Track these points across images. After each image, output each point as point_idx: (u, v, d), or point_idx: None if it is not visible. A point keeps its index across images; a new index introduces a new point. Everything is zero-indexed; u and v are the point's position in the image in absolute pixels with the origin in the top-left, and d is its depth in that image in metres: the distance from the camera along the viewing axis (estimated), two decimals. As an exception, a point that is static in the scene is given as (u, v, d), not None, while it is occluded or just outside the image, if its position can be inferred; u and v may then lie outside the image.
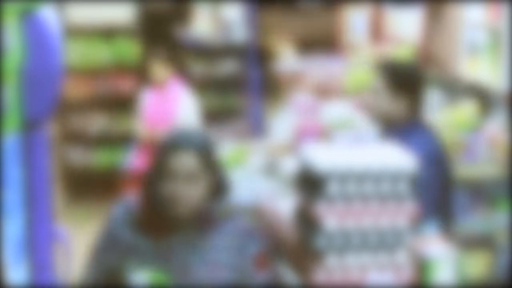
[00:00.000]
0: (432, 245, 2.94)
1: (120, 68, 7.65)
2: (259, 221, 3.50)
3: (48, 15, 2.48)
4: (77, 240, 2.88)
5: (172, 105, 6.37)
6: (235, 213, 2.79)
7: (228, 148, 4.73)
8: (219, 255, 2.71)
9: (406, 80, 3.75)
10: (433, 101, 5.14)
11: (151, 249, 2.68)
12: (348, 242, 2.80)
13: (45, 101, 2.50)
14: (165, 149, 2.66)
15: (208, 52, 7.88)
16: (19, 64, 2.39)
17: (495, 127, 4.64)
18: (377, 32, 6.68)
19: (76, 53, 7.42)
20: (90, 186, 7.67)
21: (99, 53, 7.64)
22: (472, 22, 5.39)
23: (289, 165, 3.87)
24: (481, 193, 4.30)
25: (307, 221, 2.89)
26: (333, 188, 2.77)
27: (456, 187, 3.86)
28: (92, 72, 7.63)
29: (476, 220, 4.08)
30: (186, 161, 2.62)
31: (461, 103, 4.93)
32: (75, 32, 7.30)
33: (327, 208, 2.77)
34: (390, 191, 2.81)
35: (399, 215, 2.83)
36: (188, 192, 2.63)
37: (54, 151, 6.87)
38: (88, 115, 7.78)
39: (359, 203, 2.80)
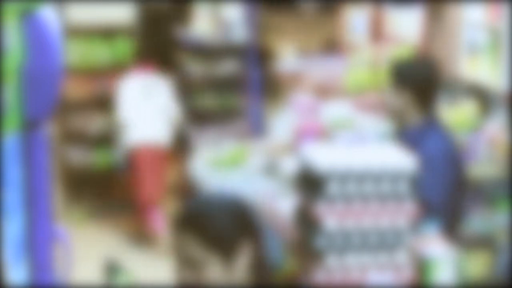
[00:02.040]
0: (432, 245, 2.94)
1: (120, 68, 7.65)
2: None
3: (48, 15, 2.48)
4: (77, 240, 2.88)
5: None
6: None
7: (228, 148, 4.73)
8: None
9: (407, 76, 3.76)
10: (438, 101, 5.14)
11: None
12: (348, 242, 2.80)
13: (45, 101, 2.50)
14: (173, 234, 2.30)
15: (208, 52, 7.88)
16: (19, 64, 2.39)
17: (495, 127, 4.64)
18: (377, 32, 6.68)
19: (76, 53, 7.42)
20: (90, 186, 7.67)
21: (99, 53, 7.64)
22: (472, 22, 5.39)
23: (289, 165, 3.87)
24: (481, 193, 4.30)
25: (307, 221, 2.89)
26: (333, 188, 2.77)
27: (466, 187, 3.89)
28: (92, 72, 7.63)
29: (476, 220, 4.08)
30: (187, 247, 2.23)
31: (461, 103, 4.93)
32: (75, 32, 7.31)
33: (327, 208, 2.77)
34: (390, 191, 2.81)
35: (399, 215, 2.83)
36: (200, 281, 2.22)
37: (54, 151, 6.87)
38: (88, 115, 7.77)
39: (359, 203, 2.80)
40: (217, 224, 2.22)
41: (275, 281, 2.39)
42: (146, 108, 6.86)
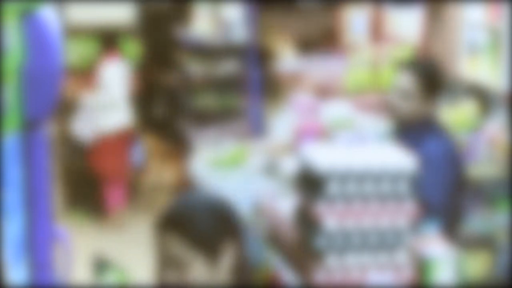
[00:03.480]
0: (432, 245, 2.94)
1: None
2: (260, 221, 3.51)
3: (48, 15, 2.48)
4: (77, 240, 2.88)
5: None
6: None
7: (228, 148, 4.73)
8: None
9: (437, 81, 3.75)
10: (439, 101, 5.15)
11: None
12: (348, 242, 2.80)
13: (45, 101, 2.50)
14: (155, 234, 2.28)
15: (208, 52, 7.88)
16: (19, 64, 2.39)
17: (495, 127, 4.64)
18: (377, 32, 6.68)
19: (76, 53, 7.42)
20: (90, 186, 7.67)
21: (99, 53, 7.63)
22: (472, 22, 5.39)
23: (289, 165, 3.87)
24: (481, 193, 4.30)
25: (307, 221, 2.89)
26: (333, 188, 2.77)
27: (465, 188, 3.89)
28: (92, 73, 7.62)
29: (476, 220, 4.08)
30: (170, 247, 2.21)
31: (461, 103, 4.93)
32: (75, 32, 7.30)
33: (327, 208, 2.77)
34: (390, 191, 2.81)
35: (399, 215, 2.83)
36: (183, 281, 2.20)
37: (54, 151, 6.87)
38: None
39: (359, 203, 2.80)
40: (201, 224, 2.21)
41: (255, 282, 2.38)
42: (120, 92, 7.27)
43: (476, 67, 5.30)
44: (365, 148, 3.23)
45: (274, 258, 3.20)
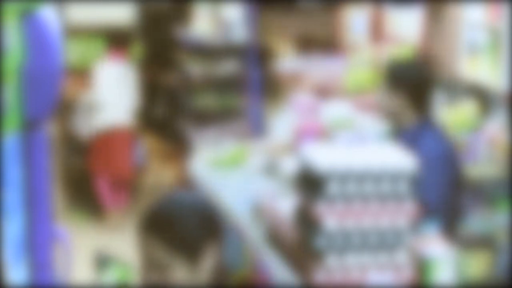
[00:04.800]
0: (432, 245, 2.94)
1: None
2: (260, 221, 3.51)
3: (48, 15, 2.48)
4: (77, 240, 2.88)
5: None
6: None
7: (228, 148, 4.73)
8: None
9: (402, 78, 3.77)
10: (433, 101, 5.15)
11: None
12: (348, 242, 2.80)
13: (45, 101, 2.50)
14: (137, 236, 2.29)
15: (208, 52, 7.88)
16: (19, 64, 2.39)
17: (495, 127, 4.64)
18: (377, 32, 6.68)
19: (76, 53, 7.42)
20: (90, 186, 7.67)
21: (99, 53, 7.64)
22: (472, 22, 5.39)
23: (289, 165, 3.87)
24: (481, 193, 4.30)
25: (307, 221, 2.89)
26: (333, 188, 2.77)
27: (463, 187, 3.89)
28: (92, 73, 7.63)
29: (476, 220, 4.08)
30: (152, 249, 2.22)
31: (461, 103, 4.93)
32: (75, 32, 7.30)
33: (327, 208, 2.77)
34: (390, 191, 2.81)
35: (399, 215, 2.83)
36: (165, 282, 2.21)
37: (54, 151, 6.87)
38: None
39: (359, 203, 2.80)
40: (183, 226, 2.20)
41: (233, 283, 2.39)
42: (118, 92, 7.24)
43: (476, 67, 5.30)
44: (365, 148, 3.23)
45: (254, 259, 3.20)
